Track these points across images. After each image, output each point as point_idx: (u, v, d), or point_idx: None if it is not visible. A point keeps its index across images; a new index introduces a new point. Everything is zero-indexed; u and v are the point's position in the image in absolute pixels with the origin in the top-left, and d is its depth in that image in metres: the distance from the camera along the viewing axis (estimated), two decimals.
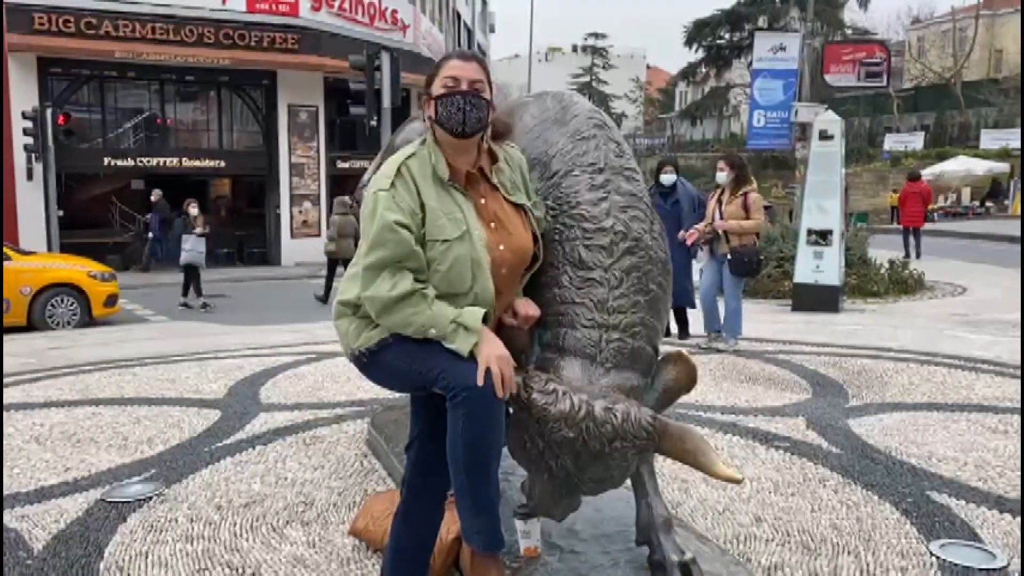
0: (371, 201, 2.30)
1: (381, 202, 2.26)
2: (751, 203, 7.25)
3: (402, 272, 2.25)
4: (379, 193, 2.28)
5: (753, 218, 7.27)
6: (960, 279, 13.27)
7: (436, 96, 2.37)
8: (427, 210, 2.29)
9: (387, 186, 2.28)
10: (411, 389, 2.51)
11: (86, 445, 4.91)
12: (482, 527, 2.41)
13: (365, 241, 2.31)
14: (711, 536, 3.38)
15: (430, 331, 2.24)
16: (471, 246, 2.30)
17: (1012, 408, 5.42)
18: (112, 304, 11.96)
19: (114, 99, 21.28)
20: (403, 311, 2.24)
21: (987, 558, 3.25)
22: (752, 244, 7.34)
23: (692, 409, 5.37)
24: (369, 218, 2.29)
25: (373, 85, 14.11)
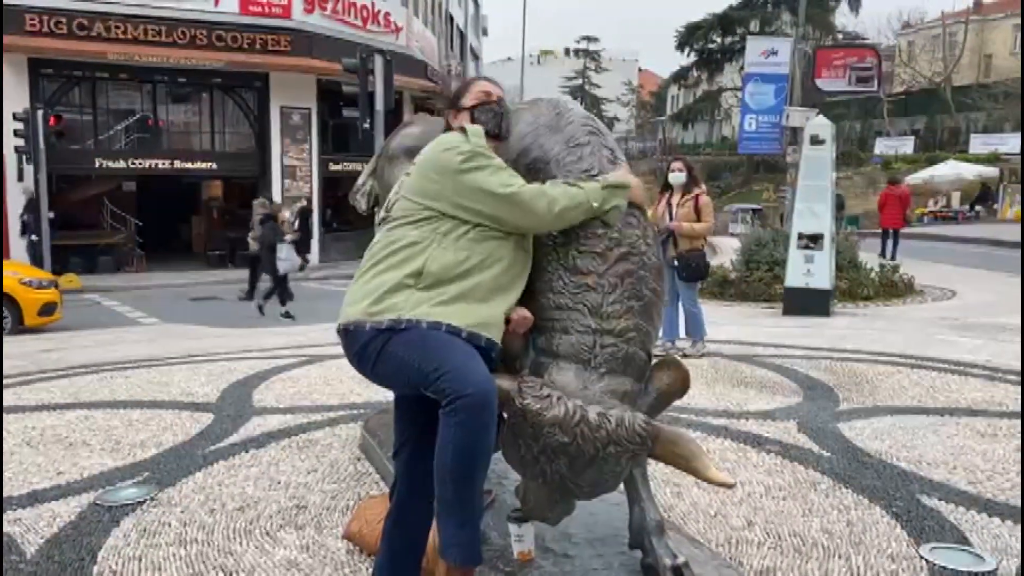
0: (481, 152, 2.47)
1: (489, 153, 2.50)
2: (702, 206, 7.26)
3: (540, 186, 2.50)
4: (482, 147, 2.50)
5: (704, 221, 7.27)
6: (950, 283, 13.34)
7: (472, 105, 2.65)
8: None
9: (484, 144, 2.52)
10: (407, 387, 2.49)
11: (79, 448, 4.91)
12: (462, 540, 2.40)
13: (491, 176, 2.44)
14: (703, 540, 3.40)
15: (593, 202, 2.49)
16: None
17: (1002, 412, 5.46)
18: (49, 313, 11.10)
19: (106, 101, 21.22)
20: (568, 197, 2.48)
21: (977, 561, 3.28)
22: (700, 249, 7.34)
23: (684, 412, 5.39)
24: (488, 159, 2.48)
25: (366, 87, 14.09)
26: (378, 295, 2.41)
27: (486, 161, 2.46)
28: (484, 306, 2.43)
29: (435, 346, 2.32)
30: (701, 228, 7.24)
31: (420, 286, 2.38)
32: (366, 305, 2.41)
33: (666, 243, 7.37)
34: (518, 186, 2.45)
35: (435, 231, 2.44)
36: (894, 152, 38.10)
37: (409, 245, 2.44)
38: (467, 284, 2.41)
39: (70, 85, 20.31)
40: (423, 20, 28.92)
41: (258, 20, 20.55)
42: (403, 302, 2.38)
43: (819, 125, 10.22)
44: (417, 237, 2.45)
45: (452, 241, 2.43)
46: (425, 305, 2.37)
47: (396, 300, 2.39)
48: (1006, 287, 13.08)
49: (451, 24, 37.17)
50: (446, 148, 2.50)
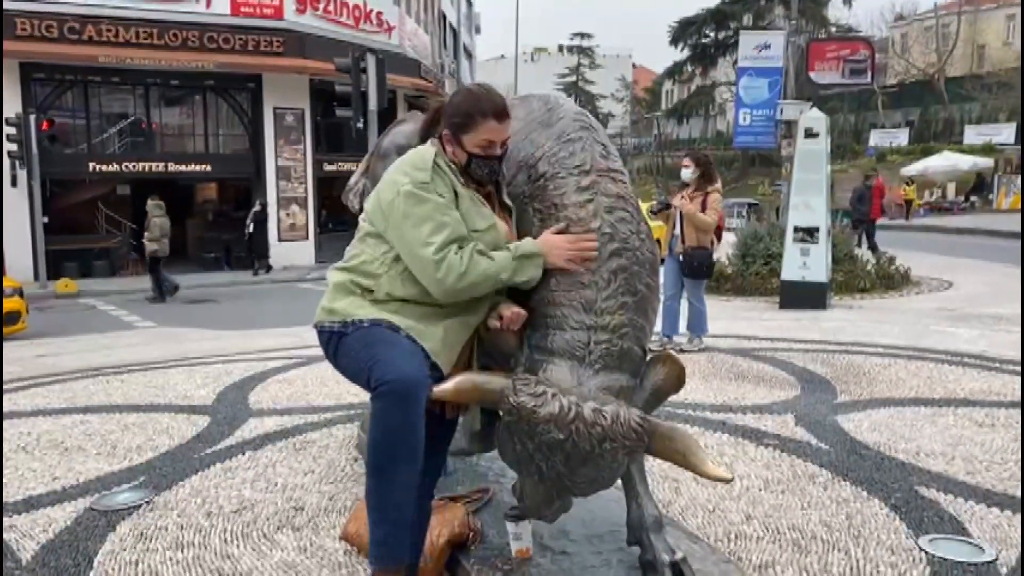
0: (413, 192, 2.38)
1: (428, 191, 2.39)
2: (710, 202, 7.20)
3: (464, 249, 2.39)
4: (423, 184, 2.39)
5: (709, 215, 7.20)
6: (946, 274, 13.35)
7: (471, 154, 2.49)
8: (460, 198, 2.46)
9: (428, 179, 2.40)
10: (358, 380, 2.52)
11: (74, 453, 4.88)
12: (377, 538, 2.43)
13: (421, 224, 2.37)
14: (702, 535, 3.39)
15: (501, 276, 2.42)
16: (497, 236, 2.50)
17: (999, 402, 5.46)
18: (12, 322, 10.54)
19: (98, 104, 21.16)
20: (474, 273, 2.38)
21: (976, 552, 3.27)
22: (706, 247, 7.29)
23: (681, 407, 5.38)
24: (418, 204, 2.38)
25: (359, 87, 14.08)
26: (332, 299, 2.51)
27: (411, 212, 2.37)
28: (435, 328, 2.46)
29: (374, 340, 2.41)
30: (703, 218, 7.17)
31: (370, 299, 2.47)
32: (325, 306, 2.53)
33: (674, 239, 7.37)
34: (435, 247, 2.34)
35: (386, 255, 2.47)
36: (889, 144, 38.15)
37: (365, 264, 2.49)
38: (418, 310, 2.45)
39: (62, 89, 20.25)
40: (415, 19, 28.88)
41: (250, 21, 20.51)
42: (355, 308, 2.47)
43: (813, 118, 10.21)
44: (369, 257, 2.49)
45: (402, 272, 2.45)
46: (374, 308, 2.46)
47: (347, 304, 2.48)
48: (1002, 277, 13.10)
49: (444, 22, 37.12)
50: (388, 186, 2.45)
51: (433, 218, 2.37)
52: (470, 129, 2.46)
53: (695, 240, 7.21)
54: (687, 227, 7.23)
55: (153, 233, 15.06)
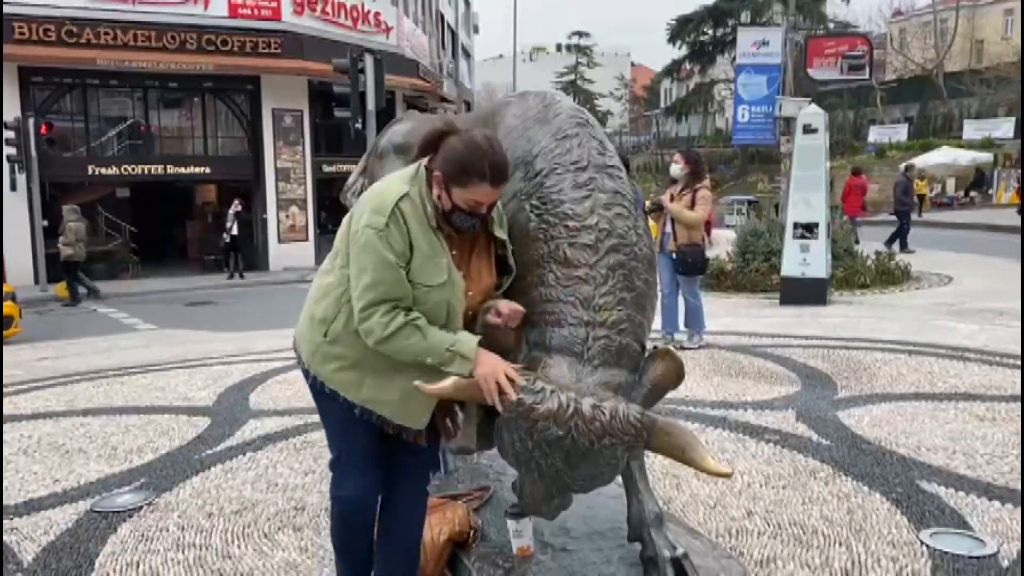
0: (364, 236, 2.31)
1: (379, 240, 2.29)
2: (699, 197, 7.18)
3: (396, 312, 2.31)
4: (376, 231, 2.30)
5: (697, 211, 7.17)
6: (946, 269, 13.34)
7: (455, 205, 2.36)
8: (415, 252, 2.34)
9: (382, 225, 2.29)
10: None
11: (75, 456, 4.89)
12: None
13: (361, 274, 2.32)
14: (703, 531, 3.39)
15: (427, 359, 2.33)
16: (451, 291, 2.40)
17: (1000, 396, 5.46)
18: (6, 327, 10.39)
19: (97, 107, 21.13)
20: (398, 342, 2.32)
21: (977, 545, 3.27)
22: (698, 243, 7.27)
23: (682, 404, 5.38)
24: (365, 251, 2.31)
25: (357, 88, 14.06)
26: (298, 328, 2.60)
27: (358, 258, 2.32)
28: (384, 382, 2.45)
29: (335, 426, 2.61)
30: (689, 216, 7.15)
31: (327, 340, 2.46)
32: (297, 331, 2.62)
33: (664, 236, 7.36)
34: (364, 303, 2.30)
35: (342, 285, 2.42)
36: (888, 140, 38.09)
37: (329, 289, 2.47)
38: (368, 355, 2.41)
39: (60, 92, 20.23)
40: (413, 19, 28.86)
41: (248, 23, 20.48)
42: (311, 351, 2.52)
43: (812, 114, 10.20)
44: (335, 280, 2.46)
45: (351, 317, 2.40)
46: (329, 365, 2.48)
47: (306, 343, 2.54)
48: (1003, 272, 13.08)
49: (442, 22, 37.09)
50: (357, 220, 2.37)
51: (371, 273, 2.30)
52: (462, 184, 2.33)
53: (687, 237, 7.21)
54: (678, 225, 7.23)
55: (68, 237, 15.25)
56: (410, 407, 2.47)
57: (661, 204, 7.29)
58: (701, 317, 7.50)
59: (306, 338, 2.54)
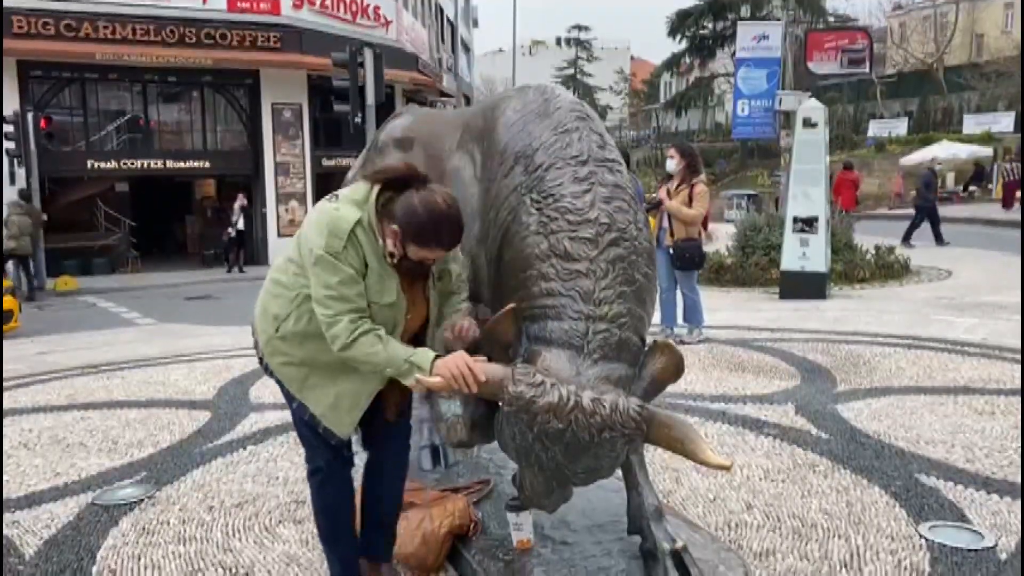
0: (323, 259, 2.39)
1: (338, 261, 2.39)
2: (696, 194, 7.15)
3: (360, 321, 2.40)
4: (331, 255, 2.38)
5: (695, 208, 7.16)
6: (945, 263, 13.34)
7: (406, 254, 2.45)
8: (369, 271, 2.45)
9: (339, 248, 2.39)
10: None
11: (76, 449, 4.90)
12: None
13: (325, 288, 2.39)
14: (702, 524, 3.41)
15: (387, 370, 2.41)
16: (397, 312, 2.53)
17: (999, 389, 5.47)
18: (6, 321, 10.40)
19: (96, 101, 21.09)
20: (361, 349, 2.39)
21: (975, 538, 3.28)
22: (695, 238, 7.26)
23: (681, 398, 5.39)
24: (325, 271, 2.39)
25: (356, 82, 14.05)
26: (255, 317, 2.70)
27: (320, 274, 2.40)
28: (322, 384, 2.58)
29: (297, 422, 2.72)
30: (687, 213, 7.15)
31: (278, 335, 2.58)
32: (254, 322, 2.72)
33: (661, 231, 7.35)
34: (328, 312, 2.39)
35: (303, 289, 2.50)
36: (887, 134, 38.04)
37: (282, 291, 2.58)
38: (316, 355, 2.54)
39: (59, 87, 20.20)
40: (413, 13, 28.80)
41: (247, 17, 20.43)
42: (265, 340, 2.64)
43: (812, 108, 10.19)
44: (288, 283, 2.56)
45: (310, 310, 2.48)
46: (277, 358, 2.62)
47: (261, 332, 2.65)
48: (1002, 266, 13.09)
49: (441, 16, 37.02)
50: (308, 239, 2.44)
51: (336, 287, 2.38)
52: (418, 245, 2.42)
53: (683, 232, 7.20)
54: (675, 220, 7.23)
55: (11, 231, 15.36)
56: (338, 414, 2.60)
57: (659, 202, 7.28)
58: (700, 311, 7.51)
59: (261, 327, 2.66)
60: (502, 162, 2.80)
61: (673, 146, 7.78)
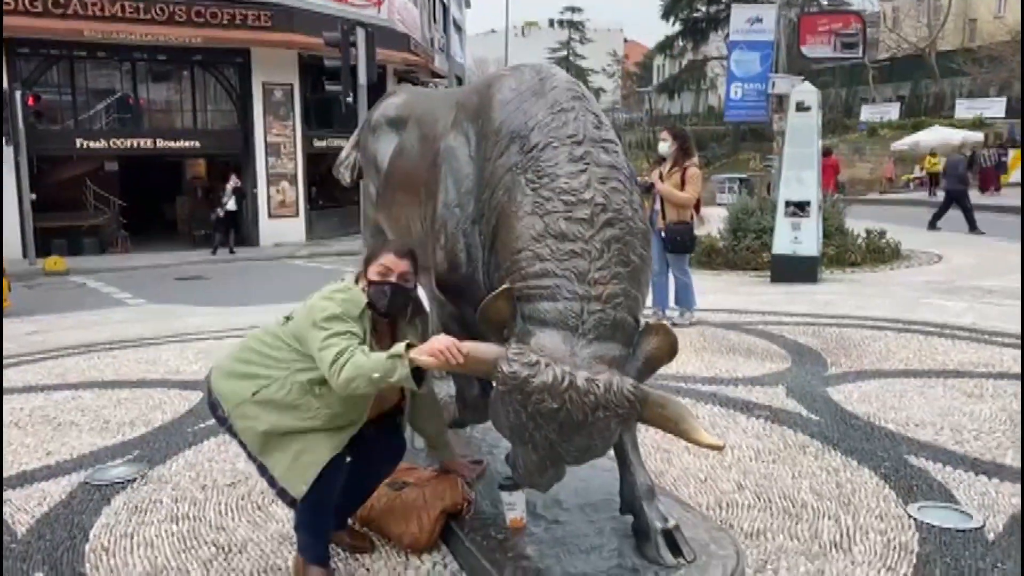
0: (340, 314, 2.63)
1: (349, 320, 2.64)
2: (688, 177, 7.15)
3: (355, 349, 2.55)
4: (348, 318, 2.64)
5: (687, 191, 7.17)
6: (936, 248, 13.39)
7: (370, 280, 2.76)
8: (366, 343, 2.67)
9: (356, 315, 2.67)
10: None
11: (67, 429, 4.89)
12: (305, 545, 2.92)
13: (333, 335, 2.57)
14: (694, 504, 3.43)
15: (375, 375, 2.50)
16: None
17: (987, 373, 5.51)
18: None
19: (84, 80, 20.91)
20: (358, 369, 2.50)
21: (964, 519, 3.32)
22: (687, 221, 7.27)
23: (674, 380, 5.41)
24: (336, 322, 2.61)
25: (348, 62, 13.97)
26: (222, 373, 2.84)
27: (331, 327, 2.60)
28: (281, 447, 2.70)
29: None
30: (679, 196, 7.15)
31: (253, 399, 2.71)
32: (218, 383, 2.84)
33: (653, 214, 7.35)
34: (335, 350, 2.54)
35: (296, 363, 2.70)
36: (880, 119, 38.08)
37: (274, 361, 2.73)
38: (283, 422, 2.68)
39: (47, 64, 20.00)
40: None
41: None
42: (235, 403, 2.75)
43: (805, 91, 10.17)
44: (282, 359, 2.72)
45: (298, 383, 2.67)
46: (243, 422, 2.74)
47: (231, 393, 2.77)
48: (991, 251, 13.15)
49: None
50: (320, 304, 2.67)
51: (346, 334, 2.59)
52: (374, 259, 2.78)
53: (676, 216, 7.21)
54: (667, 203, 7.23)
55: None
56: (294, 474, 2.69)
57: (652, 184, 7.28)
58: (691, 294, 7.52)
59: (230, 388, 2.77)
60: (497, 141, 2.79)
61: (666, 129, 7.77)
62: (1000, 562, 2.98)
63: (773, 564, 3.00)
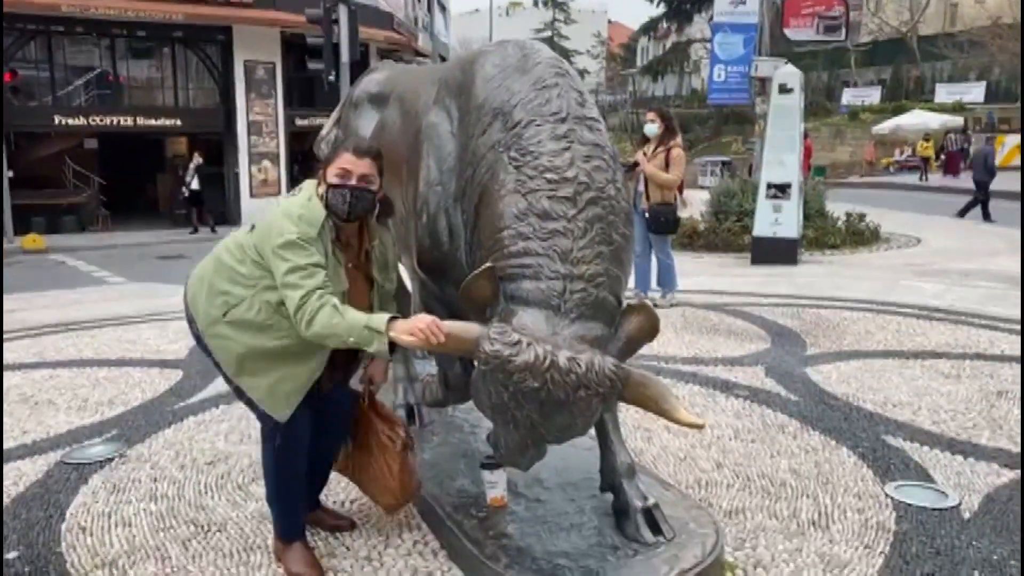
0: (299, 242, 2.53)
1: (309, 247, 2.54)
2: (673, 158, 7.18)
3: (324, 297, 2.48)
4: (306, 241, 2.54)
5: (671, 173, 7.19)
6: (915, 231, 13.50)
7: (329, 184, 2.62)
8: (328, 263, 2.59)
9: (314, 236, 2.55)
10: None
11: (44, 407, 4.84)
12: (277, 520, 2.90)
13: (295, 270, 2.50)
14: (673, 482, 3.45)
15: (349, 339, 2.47)
16: (345, 298, 2.61)
17: (964, 354, 5.57)
18: None
19: (63, 56, 20.56)
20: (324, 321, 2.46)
21: (940, 498, 3.36)
22: (670, 202, 7.29)
23: (655, 360, 5.43)
24: (297, 251, 2.52)
25: (331, 39, 13.83)
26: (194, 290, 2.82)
27: (291, 257, 2.52)
28: (259, 369, 2.66)
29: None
30: (665, 177, 7.16)
31: (225, 320, 2.66)
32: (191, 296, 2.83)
33: (636, 195, 7.35)
34: (299, 293, 2.48)
35: (263, 280, 2.62)
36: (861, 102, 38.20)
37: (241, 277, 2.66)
38: (258, 343, 2.64)
39: (24, 40, 19.65)
40: None
41: None
42: (208, 321, 2.72)
43: (787, 73, 10.18)
44: (248, 275, 2.65)
45: (265, 302, 2.61)
46: (217, 341, 2.71)
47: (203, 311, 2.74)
48: (970, 234, 13.28)
49: None
50: (278, 225, 2.58)
51: (307, 268, 2.51)
52: (332, 161, 2.64)
53: (659, 196, 7.22)
54: (650, 184, 7.23)
55: None
56: (276, 400, 2.67)
57: (636, 163, 7.28)
58: (673, 276, 7.55)
59: (204, 306, 2.72)
60: (479, 118, 2.77)
61: (652, 110, 7.77)
62: (975, 540, 3.02)
63: (751, 542, 3.03)
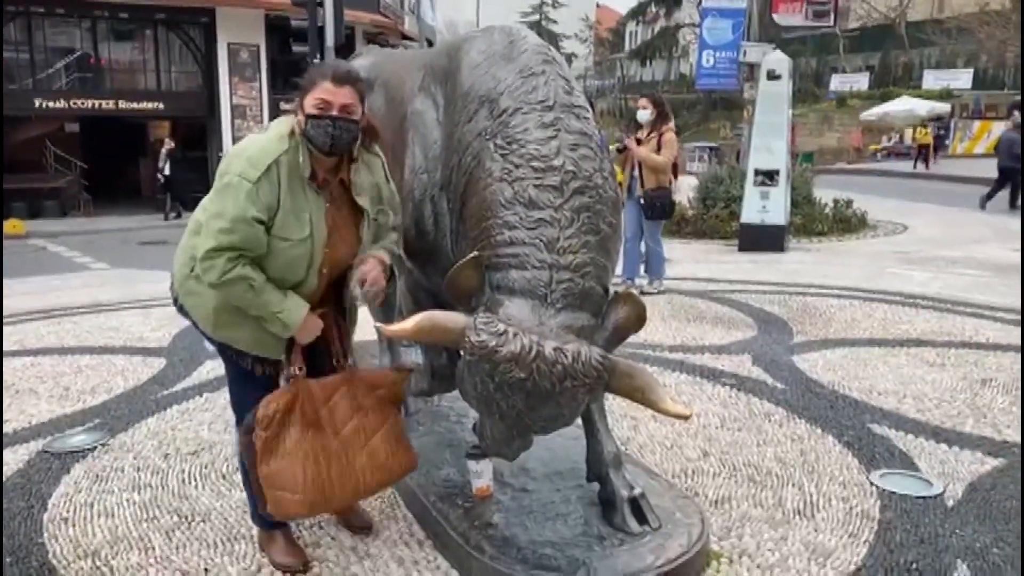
0: (235, 184, 2.40)
1: (244, 192, 2.39)
2: (665, 141, 7.18)
3: (239, 261, 2.40)
4: (245, 182, 2.40)
5: (663, 155, 7.17)
6: (902, 218, 13.55)
7: (308, 115, 2.46)
8: (280, 207, 2.45)
9: (254, 179, 2.40)
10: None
11: (25, 396, 4.79)
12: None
13: (217, 217, 2.40)
14: (660, 471, 3.45)
15: (252, 311, 2.47)
16: (311, 247, 2.51)
17: (950, 342, 5.59)
18: None
19: (43, 38, 20.32)
20: (230, 290, 2.44)
21: (924, 486, 3.37)
22: (666, 187, 7.29)
23: (641, 348, 5.42)
24: (227, 197, 2.41)
25: (315, 22, 13.68)
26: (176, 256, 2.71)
27: (219, 202, 2.42)
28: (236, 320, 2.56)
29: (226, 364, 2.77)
30: (657, 159, 7.14)
31: (193, 274, 2.57)
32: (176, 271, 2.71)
33: (632, 181, 7.34)
34: (212, 245, 2.39)
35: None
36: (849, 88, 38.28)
37: (199, 229, 2.53)
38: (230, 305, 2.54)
39: (3, 21, 19.40)
40: None
41: None
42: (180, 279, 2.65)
43: (776, 60, 10.16)
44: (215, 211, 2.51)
45: None
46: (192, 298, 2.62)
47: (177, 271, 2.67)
48: (957, 221, 13.34)
49: None
50: (224, 164, 2.49)
51: (228, 220, 2.39)
52: (309, 90, 2.48)
53: (655, 181, 7.20)
54: (645, 169, 7.21)
55: None
56: (264, 340, 2.59)
57: (626, 146, 7.26)
58: (662, 263, 7.55)
59: (178, 268, 2.66)
60: (465, 106, 2.73)
61: (645, 96, 7.73)
62: (958, 528, 3.03)
63: (737, 531, 3.03)
